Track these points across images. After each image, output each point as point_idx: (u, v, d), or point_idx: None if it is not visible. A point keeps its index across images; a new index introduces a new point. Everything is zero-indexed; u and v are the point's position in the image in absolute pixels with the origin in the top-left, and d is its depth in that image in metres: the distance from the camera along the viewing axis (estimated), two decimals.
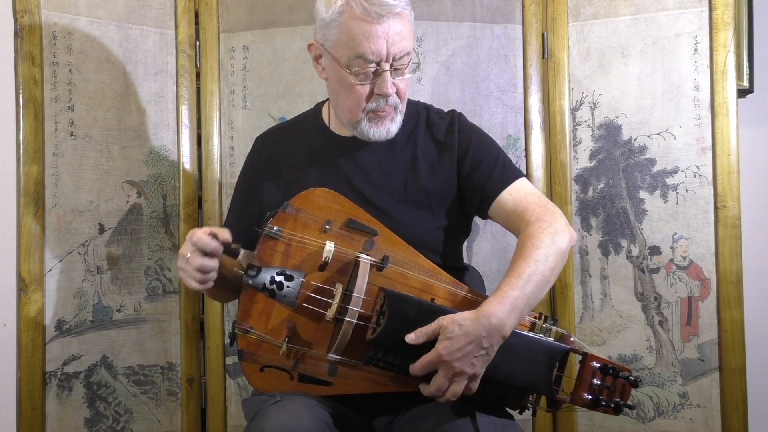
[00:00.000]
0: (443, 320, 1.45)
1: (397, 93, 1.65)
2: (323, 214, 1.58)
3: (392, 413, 1.63)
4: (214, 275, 1.55)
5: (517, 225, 1.64)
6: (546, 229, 1.57)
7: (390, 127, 1.68)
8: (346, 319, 1.49)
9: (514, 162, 1.87)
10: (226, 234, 1.52)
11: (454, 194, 1.72)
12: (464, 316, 1.45)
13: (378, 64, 1.60)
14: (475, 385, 1.47)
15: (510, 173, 1.71)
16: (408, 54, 1.63)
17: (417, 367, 1.47)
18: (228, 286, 1.72)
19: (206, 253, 1.51)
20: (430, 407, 1.53)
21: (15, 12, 2.09)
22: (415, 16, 1.69)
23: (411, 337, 1.46)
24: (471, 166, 1.71)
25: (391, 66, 1.61)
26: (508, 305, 1.46)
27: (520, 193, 1.68)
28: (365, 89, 1.63)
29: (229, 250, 1.53)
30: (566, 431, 2.28)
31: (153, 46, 2.29)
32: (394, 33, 1.58)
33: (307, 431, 1.43)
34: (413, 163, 1.72)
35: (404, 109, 1.71)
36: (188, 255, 1.51)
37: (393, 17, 1.57)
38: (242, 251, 1.53)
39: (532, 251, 1.53)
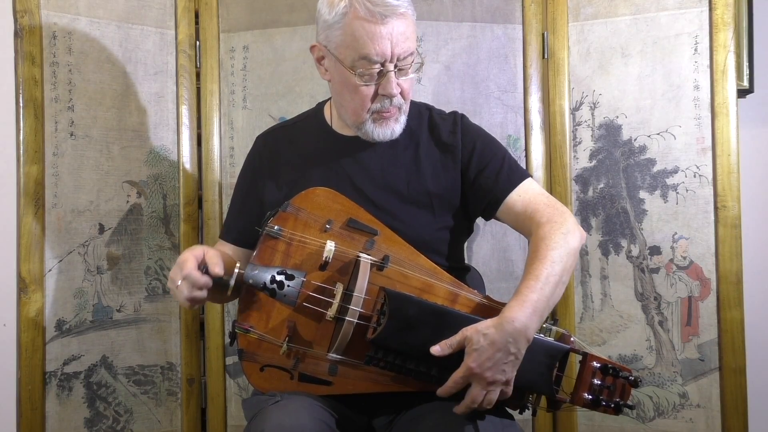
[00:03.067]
0: (467, 331, 1.45)
1: (402, 93, 1.65)
2: (324, 213, 1.59)
3: (392, 413, 1.63)
4: (204, 294, 1.56)
5: (527, 226, 1.64)
6: (558, 229, 1.58)
7: (394, 127, 1.68)
8: (347, 318, 1.49)
9: None
10: (217, 268, 1.53)
11: (458, 195, 1.72)
12: (487, 325, 1.45)
13: (382, 64, 1.59)
14: (510, 389, 1.48)
15: (517, 174, 1.71)
16: (412, 54, 1.62)
17: (449, 385, 1.47)
18: (224, 296, 1.72)
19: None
20: (430, 407, 1.53)
21: (15, 12, 2.09)
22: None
23: (436, 350, 1.46)
24: (477, 169, 1.71)
25: (396, 66, 1.60)
26: (529, 308, 1.46)
27: (528, 194, 1.68)
28: (370, 90, 1.63)
29: (219, 282, 1.53)
30: (566, 431, 2.28)
31: (153, 46, 2.29)
32: (398, 33, 1.58)
33: (307, 431, 1.43)
34: (416, 164, 1.72)
35: (408, 109, 1.71)
36: (179, 282, 1.53)
37: (397, 17, 1.57)
38: (233, 279, 1.52)
39: (548, 252, 1.53)
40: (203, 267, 1.52)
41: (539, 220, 1.62)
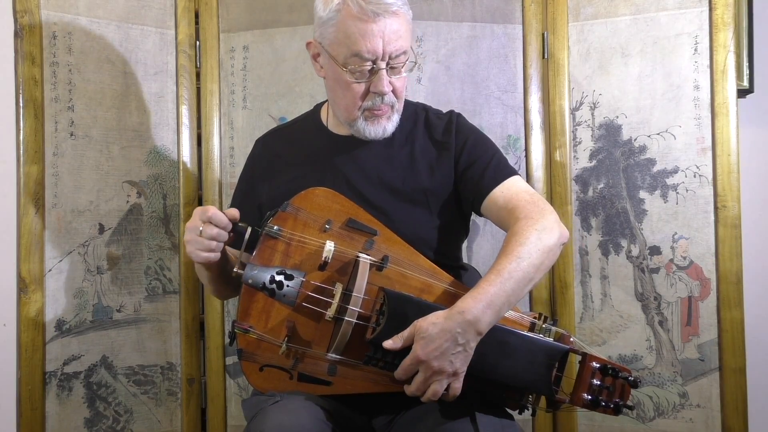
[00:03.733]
0: (418, 322, 1.46)
1: (394, 92, 1.65)
2: (323, 213, 1.58)
3: (392, 413, 1.63)
4: (221, 246, 1.58)
5: (506, 222, 1.63)
6: (533, 225, 1.56)
7: (386, 125, 1.68)
8: (346, 318, 1.49)
9: (513, 162, 1.88)
10: (234, 212, 1.57)
11: (452, 192, 1.73)
12: (438, 315, 1.46)
13: (374, 62, 1.60)
14: (459, 385, 1.47)
15: (503, 171, 1.70)
16: (405, 53, 1.63)
17: (399, 371, 1.47)
18: (231, 281, 1.72)
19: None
20: (430, 407, 1.52)
21: (15, 12, 2.09)
22: (415, 16, 1.69)
23: (389, 344, 1.46)
24: (466, 164, 1.71)
25: (388, 64, 1.61)
26: (484, 301, 1.45)
27: (511, 191, 1.67)
28: (361, 87, 1.63)
29: (236, 228, 1.56)
30: (566, 431, 2.28)
31: (153, 46, 2.29)
32: (390, 31, 1.58)
33: (307, 431, 1.43)
34: (412, 162, 1.72)
35: (401, 108, 1.71)
36: (201, 227, 1.54)
37: (389, 16, 1.58)
38: (249, 230, 1.54)
39: (515, 248, 1.52)
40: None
41: (517, 215, 1.60)
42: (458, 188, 1.73)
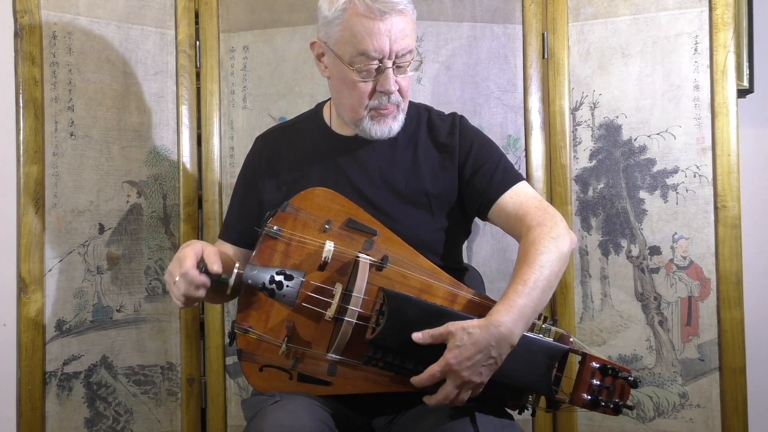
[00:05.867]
0: (452, 326, 1.45)
1: (400, 91, 1.65)
2: (323, 213, 1.58)
3: (392, 413, 1.63)
4: (200, 299, 1.54)
5: (517, 229, 1.64)
6: (548, 234, 1.57)
7: (392, 125, 1.68)
8: (346, 318, 1.49)
9: (514, 162, 1.87)
10: (216, 266, 1.50)
11: (455, 196, 1.73)
12: (473, 324, 1.45)
13: (380, 61, 1.60)
14: (479, 390, 1.48)
15: (511, 177, 1.71)
16: (410, 52, 1.62)
17: (425, 377, 1.46)
18: (223, 296, 1.71)
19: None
20: (430, 407, 1.52)
21: (15, 12, 2.10)
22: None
23: (417, 336, 1.45)
24: (472, 170, 1.71)
25: (394, 63, 1.61)
26: (516, 313, 1.46)
27: (520, 197, 1.68)
28: (368, 87, 1.63)
29: (218, 281, 1.51)
30: (566, 431, 2.28)
31: (153, 46, 2.29)
32: (396, 30, 1.58)
33: (307, 431, 1.43)
34: (414, 164, 1.72)
35: (406, 108, 1.71)
36: (176, 279, 1.50)
37: (396, 14, 1.57)
38: (232, 278, 1.51)
39: (536, 257, 1.53)
40: (202, 266, 1.50)
41: (529, 223, 1.61)
42: (464, 193, 1.72)
